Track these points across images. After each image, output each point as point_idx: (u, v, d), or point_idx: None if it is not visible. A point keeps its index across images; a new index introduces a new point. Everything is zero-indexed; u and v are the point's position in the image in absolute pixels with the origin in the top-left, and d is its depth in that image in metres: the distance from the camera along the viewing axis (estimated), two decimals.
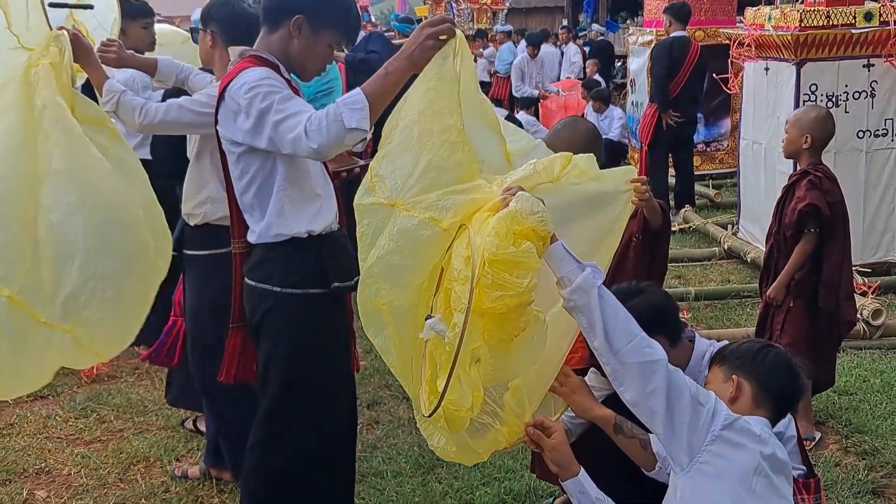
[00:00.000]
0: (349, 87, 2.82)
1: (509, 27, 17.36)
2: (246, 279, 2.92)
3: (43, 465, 4.21)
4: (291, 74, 2.89)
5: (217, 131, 2.84)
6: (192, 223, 3.54)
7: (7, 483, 4.07)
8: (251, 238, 2.89)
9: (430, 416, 2.31)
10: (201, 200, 3.47)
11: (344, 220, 3.03)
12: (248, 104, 2.65)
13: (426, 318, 2.31)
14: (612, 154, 11.01)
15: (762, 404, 2.44)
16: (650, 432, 2.59)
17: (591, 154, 2.58)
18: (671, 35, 8.58)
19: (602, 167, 2.66)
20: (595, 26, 16.53)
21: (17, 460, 4.26)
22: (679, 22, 8.62)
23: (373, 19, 14.28)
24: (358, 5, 3.21)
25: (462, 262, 2.20)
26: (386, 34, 9.27)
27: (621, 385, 2.26)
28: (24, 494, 3.96)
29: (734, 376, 2.47)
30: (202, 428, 4.27)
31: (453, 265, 2.26)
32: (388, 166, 2.44)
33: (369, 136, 2.61)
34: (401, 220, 2.37)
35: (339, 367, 3.00)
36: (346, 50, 6.88)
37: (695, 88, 8.69)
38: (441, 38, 2.52)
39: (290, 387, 2.90)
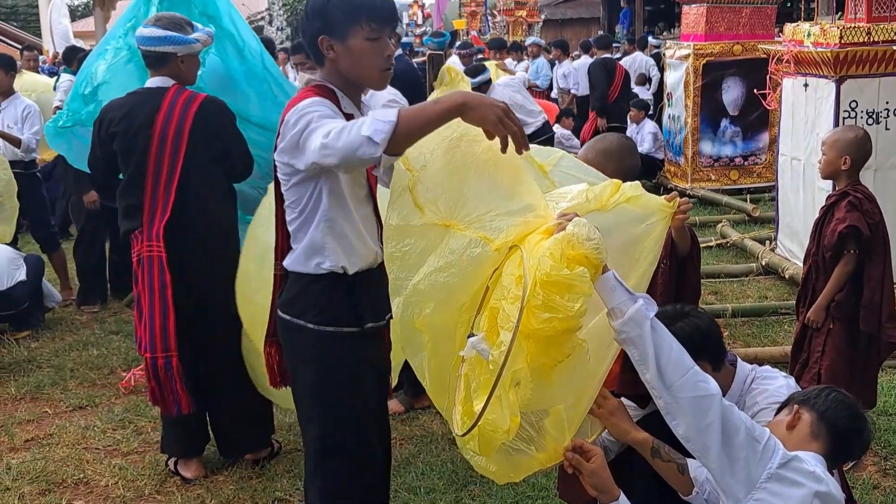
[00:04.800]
0: None
1: (541, 40, 17.44)
2: (280, 313, 2.89)
3: (81, 475, 4.27)
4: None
5: (273, 160, 2.80)
6: None
7: (46, 493, 4.13)
8: (285, 263, 2.86)
9: (463, 435, 2.32)
10: None
11: None
12: (293, 128, 2.62)
13: (468, 337, 2.31)
14: (644, 168, 10.96)
15: (818, 437, 2.41)
16: (689, 457, 2.57)
17: (637, 182, 2.56)
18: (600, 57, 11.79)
19: (637, 178, 2.65)
20: (651, 39, 16.37)
21: (56, 471, 4.32)
22: (602, 49, 12.31)
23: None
24: None
25: (513, 280, 2.20)
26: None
27: (674, 419, 2.23)
28: None
29: (795, 406, 2.48)
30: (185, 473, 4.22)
31: (503, 283, 2.26)
32: (436, 188, 2.45)
33: (381, 158, 2.40)
34: (454, 239, 2.39)
35: (370, 399, 2.95)
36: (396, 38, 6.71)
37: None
38: (499, 128, 2.36)
39: (325, 421, 2.87)
